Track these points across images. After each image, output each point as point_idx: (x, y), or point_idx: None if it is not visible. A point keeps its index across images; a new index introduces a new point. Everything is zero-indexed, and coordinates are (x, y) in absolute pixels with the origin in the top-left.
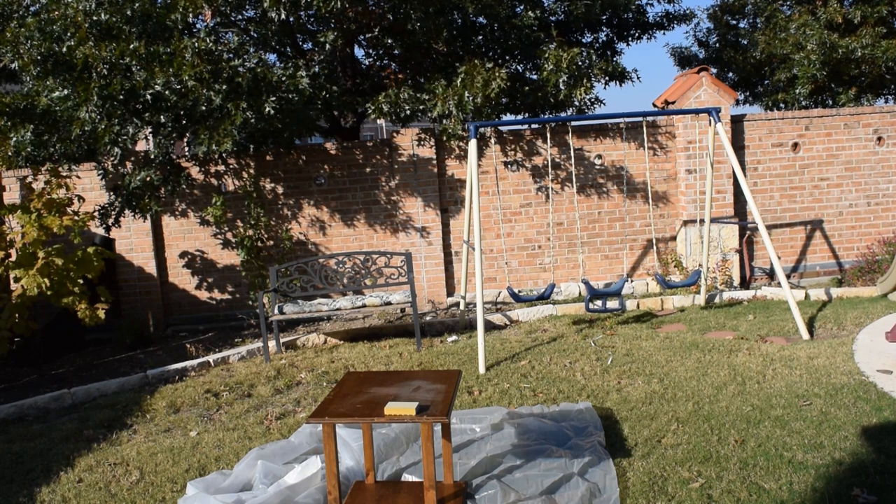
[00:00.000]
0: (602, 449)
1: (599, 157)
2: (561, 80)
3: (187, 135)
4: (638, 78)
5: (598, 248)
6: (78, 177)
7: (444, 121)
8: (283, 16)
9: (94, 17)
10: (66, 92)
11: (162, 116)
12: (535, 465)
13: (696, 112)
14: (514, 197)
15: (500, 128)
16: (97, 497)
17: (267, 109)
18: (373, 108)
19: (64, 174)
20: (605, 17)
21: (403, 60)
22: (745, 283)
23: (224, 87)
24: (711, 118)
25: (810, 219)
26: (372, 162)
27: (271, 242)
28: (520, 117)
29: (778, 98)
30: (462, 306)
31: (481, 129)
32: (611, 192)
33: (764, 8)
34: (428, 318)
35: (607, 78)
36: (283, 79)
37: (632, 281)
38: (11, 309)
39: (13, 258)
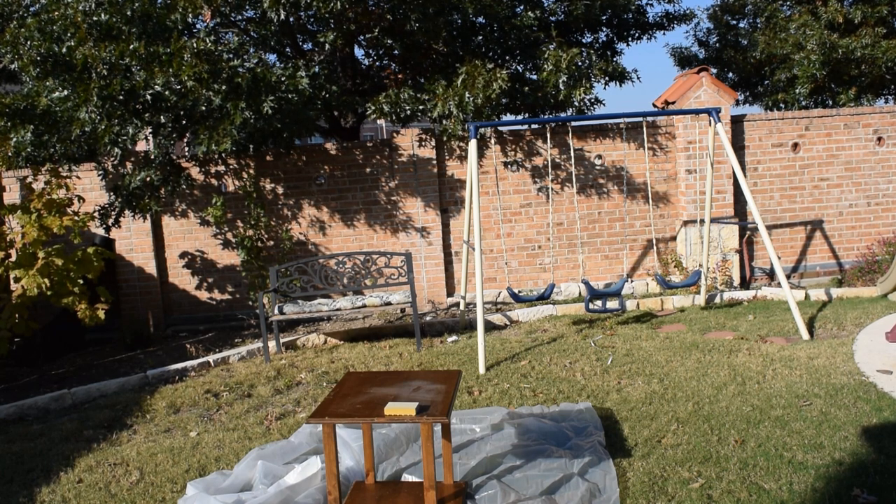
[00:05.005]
0: (602, 449)
1: (599, 157)
2: (561, 81)
3: (187, 135)
4: (638, 78)
5: (598, 249)
6: (78, 177)
7: (445, 121)
8: (282, 16)
9: (94, 18)
10: (65, 92)
11: (162, 116)
12: (535, 466)
13: (696, 112)
14: (514, 197)
15: (501, 128)
16: (97, 497)
17: (266, 109)
18: (373, 108)
19: (64, 174)
20: (605, 18)
21: (403, 61)
22: (745, 284)
23: (223, 87)
24: (711, 118)
25: (810, 219)
26: (372, 162)
27: (271, 242)
28: (520, 117)
29: (778, 98)
30: (462, 306)
31: (481, 130)
32: (611, 192)
33: (764, 8)
34: (428, 319)
35: (607, 78)
36: (283, 79)
37: (632, 281)
38: (11, 309)
39: (13, 258)
